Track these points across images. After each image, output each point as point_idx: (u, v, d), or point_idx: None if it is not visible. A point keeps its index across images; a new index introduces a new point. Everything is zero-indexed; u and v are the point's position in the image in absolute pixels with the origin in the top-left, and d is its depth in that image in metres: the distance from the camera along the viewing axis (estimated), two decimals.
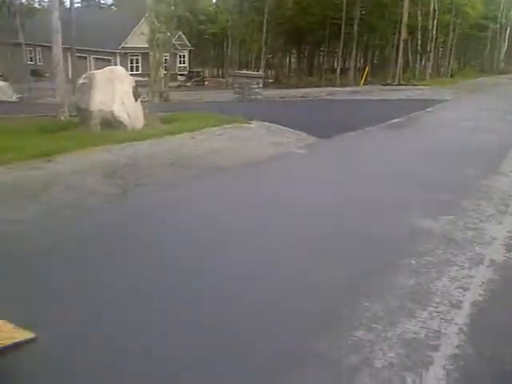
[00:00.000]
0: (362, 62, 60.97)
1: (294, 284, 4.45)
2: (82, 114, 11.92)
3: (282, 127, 12.59)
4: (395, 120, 15.21)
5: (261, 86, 21.56)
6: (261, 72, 34.22)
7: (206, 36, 61.36)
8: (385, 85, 36.13)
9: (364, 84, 39.17)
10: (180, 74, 51.12)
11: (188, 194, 7.27)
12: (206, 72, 64.35)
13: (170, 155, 9.33)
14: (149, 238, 5.42)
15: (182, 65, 54.44)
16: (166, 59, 32.26)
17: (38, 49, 50.03)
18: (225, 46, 59.68)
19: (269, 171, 8.93)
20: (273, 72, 58.05)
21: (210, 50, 69.36)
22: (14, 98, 27.89)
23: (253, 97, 20.48)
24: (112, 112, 11.36)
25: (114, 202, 6.65)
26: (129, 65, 43.54)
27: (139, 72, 42.67)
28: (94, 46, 44.85)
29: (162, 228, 5.77)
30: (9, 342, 3.22)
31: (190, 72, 54.43)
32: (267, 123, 12.98)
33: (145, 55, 37.80)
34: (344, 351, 3.45)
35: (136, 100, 11.94)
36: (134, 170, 8.23)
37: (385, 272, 4.68)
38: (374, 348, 3.49)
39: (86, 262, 4.73)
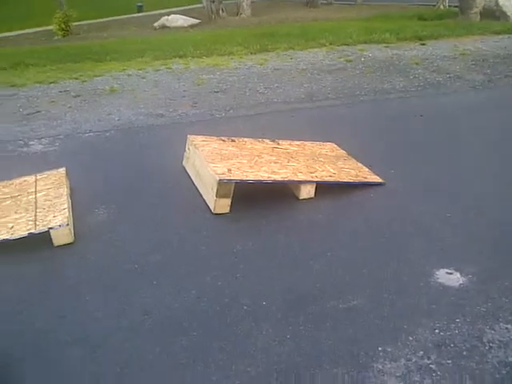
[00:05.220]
0: None
1: None
2: (463, 4, 11.42)
3: None
4: None
5: None
6: None
7: None
8: None
9: None
10: None
11: None
12: None
13: None
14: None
15: None
16: None
17: None
18: None
19: None
20: None
21: None
22: None
23: None
24: (497, 1, 10.50)
25: (479, 88, 6.41)
26: None
27: None
28: None
29: None
30: (363, 180, 3.71)
31: None
32: None
33: None
34: None
35: None
36: (505, 61, 7.65)
37: None
38: None
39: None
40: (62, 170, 3.66)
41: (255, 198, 3.50)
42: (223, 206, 3.33)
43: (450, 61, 7.61)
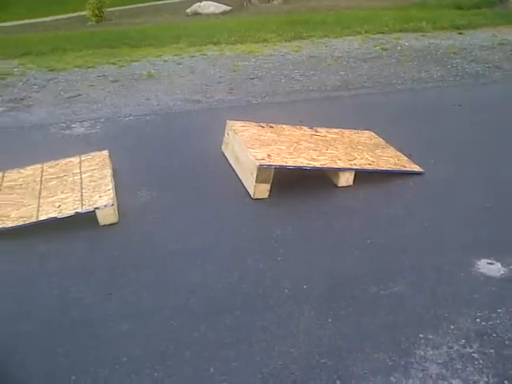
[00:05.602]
0: None
1: None
2: None
3: None
4: None
5: None
6: None
7: None
8: None
9: None
10: None
11: None
12: None
13: None
14: None
15: None
16: None
17: None
18: None
19: None
20: None
21: None
22: None
23: None
24: None
25: None
26: None
27: None
28: None
29: None
30: (402, 168, 3.70)
31: None
32: None
33: None
34: None
35: None
36: None
37: None
38: None
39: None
40: (106, 152, 3.75)
41: (293, 185, 3.53)
42: (262, 191, 3.37)
43: (488, 50, 7.46)
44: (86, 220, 3.07)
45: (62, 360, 2.17)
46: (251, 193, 3.40)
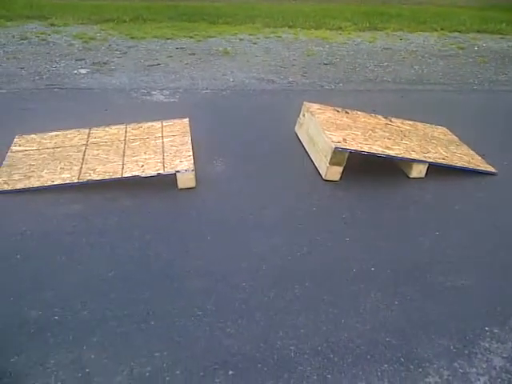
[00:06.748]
0: None
1: None
2: None
3: None
4: None
5: None
6: None
7: None
8: None
9: None
10: None
11: None
12: None
13: None
14: None
15: None
16: None
17: None
18: None
19: None
20: None
21: None
22: None
23: None
24: None
25: None
26: None
27: None
28: None
29: None
30: (475, 167, 3.68)
31: None
32: None
33: None
34: None
35: None
36: None
37: None
38: None
39: None
40: (186, 120, 3.90)
41: (365, 171, 3.58)
42: (335, 173, 3.43)
43: None
44: (165, 182, 3.23)
45: (142, 306, 2.33)
46: (323, 174, 3.47)
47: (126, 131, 3.78)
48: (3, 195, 3.13)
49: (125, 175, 3.18)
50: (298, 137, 4.11)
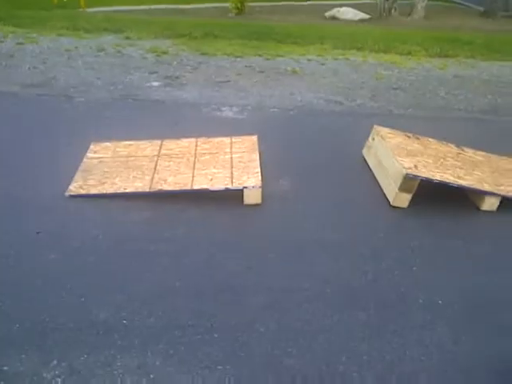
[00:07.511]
0: None
1: None
2: None
3: None
4: None
5: None
6: None
7: None
8: None
9: None
10: None
11: None
12: None
13: None
14: None
15: None
16: None
17: None
18: None
19: None
20: None
21: None
22: None
23: None
24: None
25: None
26: None
27: None
28: None
29: None
30: None
31: None
32: None
33: None
34: None
35: None
36: None
37: None
38: None
39: None
40: (255, 137, 3.94)
41: (434, 200, 3.49)
42: (403, 200, 3.37)
43: None
44: (231, 196, 3.28)
45: (206, 318, 2.36)
46: (391, 200, 3.42)
47: (196, 145, 3.87)
48: (78, 199, 3.26)
49: (194, 187, 3.25)
50: (365, 160, 4.07)
